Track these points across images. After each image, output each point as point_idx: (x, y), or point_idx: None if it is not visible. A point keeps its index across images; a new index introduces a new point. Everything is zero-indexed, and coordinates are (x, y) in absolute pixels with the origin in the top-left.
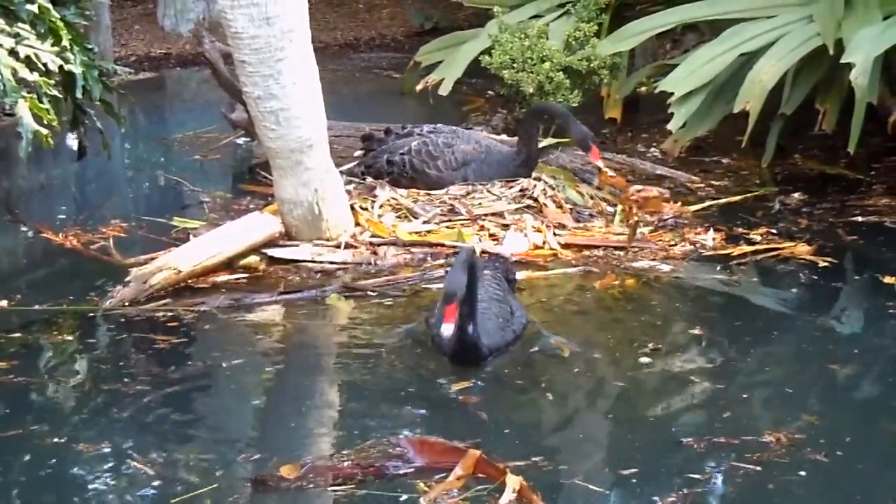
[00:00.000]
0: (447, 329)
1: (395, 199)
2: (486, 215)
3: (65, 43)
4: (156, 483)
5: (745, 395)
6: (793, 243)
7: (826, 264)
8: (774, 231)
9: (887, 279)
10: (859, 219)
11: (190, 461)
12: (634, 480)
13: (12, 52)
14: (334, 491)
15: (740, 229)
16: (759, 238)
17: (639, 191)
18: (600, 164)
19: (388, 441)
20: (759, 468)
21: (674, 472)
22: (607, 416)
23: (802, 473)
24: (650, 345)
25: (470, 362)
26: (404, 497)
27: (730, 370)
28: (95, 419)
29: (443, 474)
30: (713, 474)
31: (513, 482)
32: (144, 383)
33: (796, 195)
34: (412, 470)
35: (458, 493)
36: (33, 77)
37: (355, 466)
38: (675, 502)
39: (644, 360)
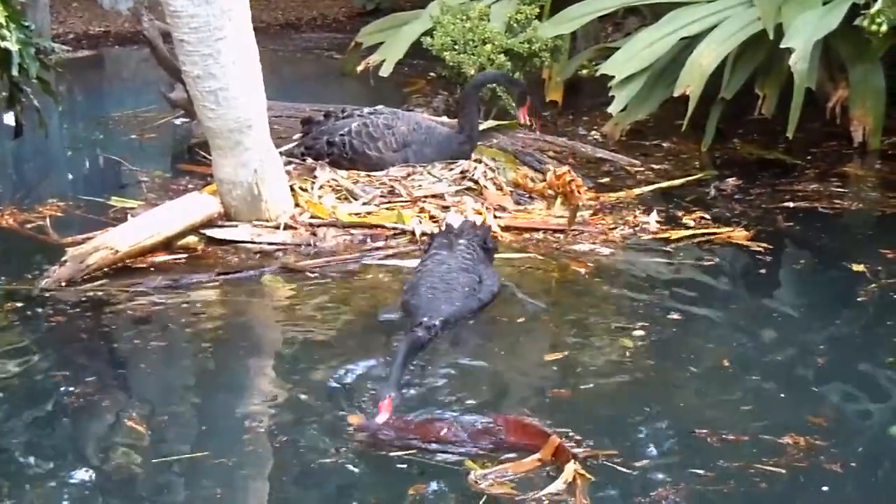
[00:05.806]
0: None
1: (335, 180)
2: (426, 197)
3: (0, 20)
4: (149, 444)
5: (729, 387)
6: (730, 228)
7: (760, 249)
8: (708, 217)
9: (855, 266)
10: (791, 204)
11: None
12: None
13: None
14: (377, 454)
15: (679, 213)
16: (692, 223)
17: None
18: (525, 121)
19: (486, 414)
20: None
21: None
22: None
23: (824, 489)
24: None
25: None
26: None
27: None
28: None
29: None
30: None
31: (569, 471)
32: (89, 362)
33: (731, 180)
34: (498, 447)
35: (509, 474)
36: None
37: (454, 435)
38: (674, 495)
39: (637, 333)
